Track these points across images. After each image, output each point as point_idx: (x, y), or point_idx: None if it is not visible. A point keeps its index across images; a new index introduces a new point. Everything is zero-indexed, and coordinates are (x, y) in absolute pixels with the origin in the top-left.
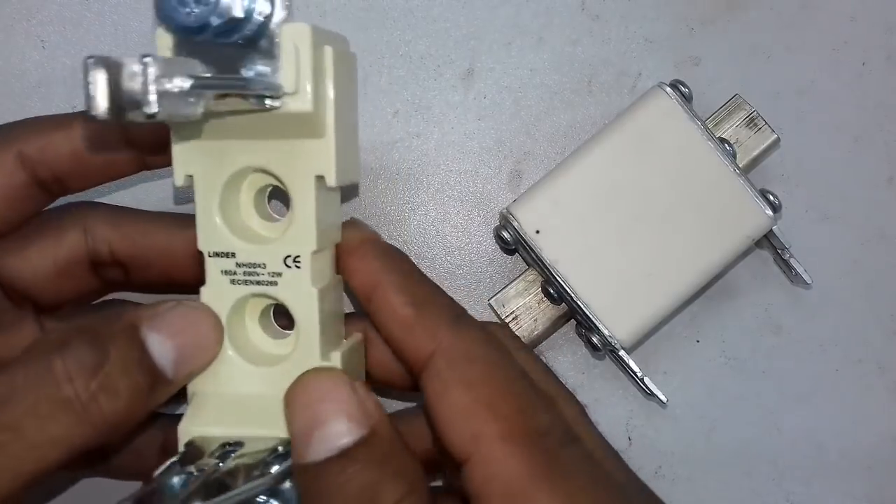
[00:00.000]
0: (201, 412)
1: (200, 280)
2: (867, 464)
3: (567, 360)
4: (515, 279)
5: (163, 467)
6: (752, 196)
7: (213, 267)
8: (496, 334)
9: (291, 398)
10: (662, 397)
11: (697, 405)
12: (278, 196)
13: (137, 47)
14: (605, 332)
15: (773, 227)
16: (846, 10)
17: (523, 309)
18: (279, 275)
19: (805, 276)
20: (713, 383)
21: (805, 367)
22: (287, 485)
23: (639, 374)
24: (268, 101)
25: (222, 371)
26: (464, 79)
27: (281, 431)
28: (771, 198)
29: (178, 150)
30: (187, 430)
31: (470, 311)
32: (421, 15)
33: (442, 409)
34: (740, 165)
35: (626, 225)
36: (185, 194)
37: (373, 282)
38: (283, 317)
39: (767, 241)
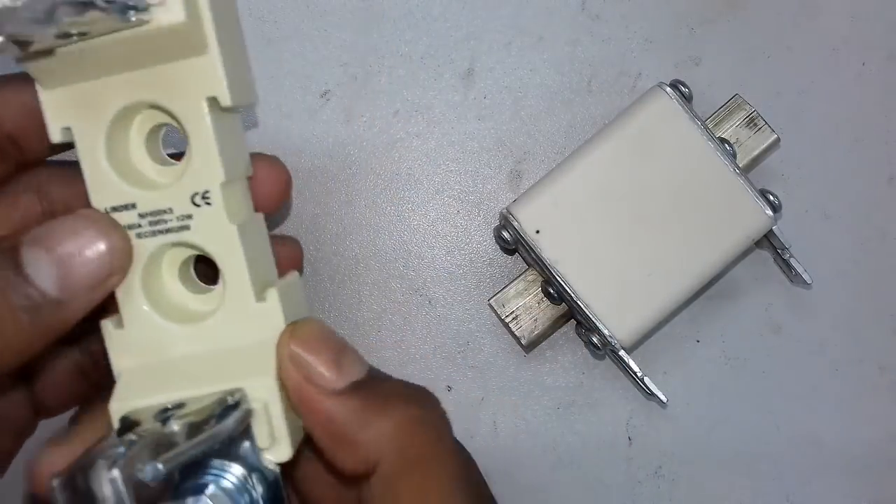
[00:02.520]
0: (131, 386)
1: None
2: (867, 464)
3: (567, 360)
4: (515, 279)
5: (96, 443)
6: (752, 196)
7: None
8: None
9: (302, 334)
10: (662, 397)
11: (697, 405)
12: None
13: None
14: (605, 332)
15: (773, 227)
16: (846, 10)
17: (523, 309)
18: (189, 217)
19: (805, 276)
20: (713, 383)
21: (805, 366)
22: (267, 463)
23: (639, 374)
24: (132, 15)
25: (147, 337)
26: (464, 79)
27: (222, 385)
28: (771, 198)
29: (49, 101)
30: (118, 408)
31: (470, 311)
32: (421, 15)
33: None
34: (740, 165)
35: (626, 225)
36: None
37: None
38: (206, 277)
39: (767, 241)
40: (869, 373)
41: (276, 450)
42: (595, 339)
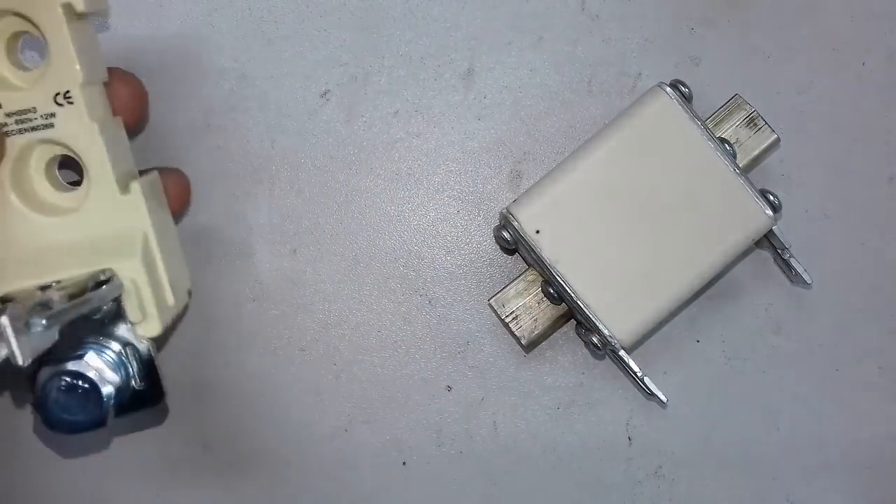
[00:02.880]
0: (6, 272)
1: None
2: (867, 464)
3: (567, 360)
4: (515, 279)
5: None
6: (752, 196)
7: None
8: None
9: None
10: (662, 397)
11: (697, 405)
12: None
13: (131, 51)
14: (605, 332)
15: (773, 227)
16: (846, 10)
17: (523, 309)
18: (53, 115)
19: (805, 276)
20: (713, 383)
21: (805, 367)
22: (140, 338)
23: (639, 374)
24: None
25: (18, 228)
26: (464, 79)
27: (93, 267)
28: (771, 198)
29: None
30: None
31: (470, 311)
32: (421, 15)
33: None
34: (740, 165)
35: (626, 225)
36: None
37: None
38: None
39: (767, 241)
40: (869, 373)
41: (147, 324)
42: (595, 339)
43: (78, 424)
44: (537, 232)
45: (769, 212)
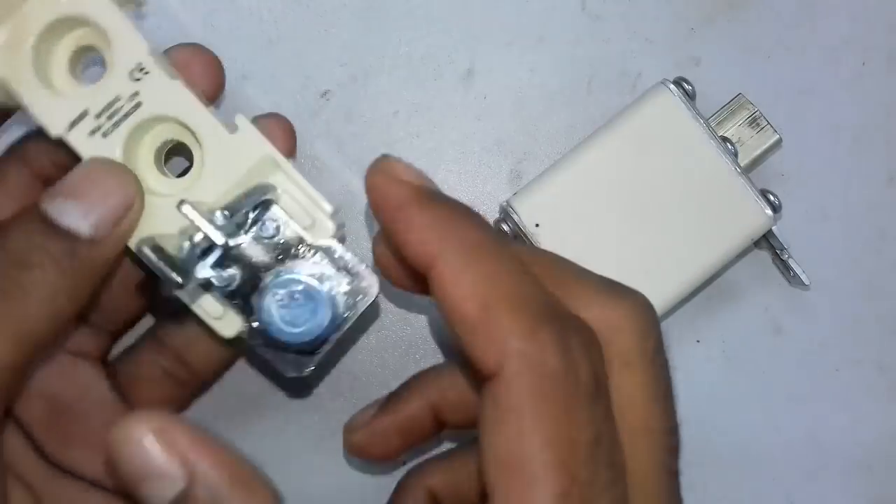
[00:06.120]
0: (153, 220)
1: None
2: (867, 464)
3: None
4: None
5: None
6: (753, 196)
7: (77, 137)
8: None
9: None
10: None
11: (697, 405)
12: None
13: None
14: None
15: (773, 228)
16: (846, 10)
17: None
18: (136, 94)
19: (803, 278)
20: (713, 383)
21: (805, 367)
22: (315, 240)
23: None
24: None
25: (152, 214)
26: (464, 79)
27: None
28: (771, 198)
29: None
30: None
31: None
32: (421, 15)
33: (491, 443)
34: (741, 165)
35: (625, 221)
36: None
37: (428, 258)
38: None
39: (766, 241)
40: (869, 373)
41: (317, 230)
42: None
43: (308, 334)
44: (537, 226)
45: (769, 212)
